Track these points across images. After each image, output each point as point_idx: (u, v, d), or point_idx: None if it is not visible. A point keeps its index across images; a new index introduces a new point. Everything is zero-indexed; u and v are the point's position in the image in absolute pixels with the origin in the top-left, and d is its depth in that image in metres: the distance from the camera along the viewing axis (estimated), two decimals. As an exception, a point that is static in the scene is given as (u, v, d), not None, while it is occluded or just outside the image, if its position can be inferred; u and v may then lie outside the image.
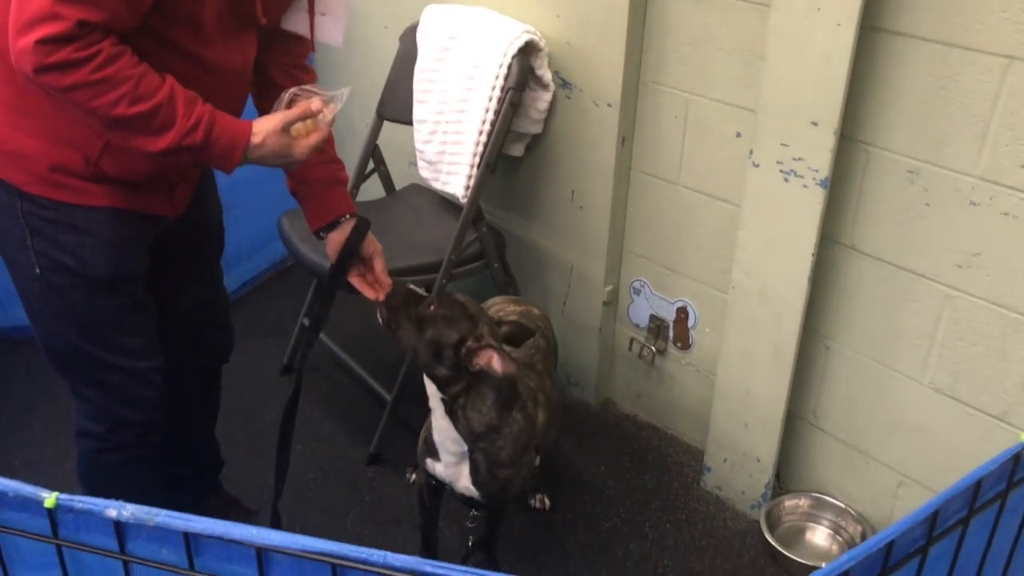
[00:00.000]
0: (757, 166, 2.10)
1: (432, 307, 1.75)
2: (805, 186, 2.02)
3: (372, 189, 2.84)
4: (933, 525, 0.92)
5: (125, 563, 0.92)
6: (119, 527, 0.90)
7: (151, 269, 1.76)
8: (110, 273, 1.62)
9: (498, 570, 2.14)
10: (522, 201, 2.75)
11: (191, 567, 0.89)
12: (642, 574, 2.23)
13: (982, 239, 1.88)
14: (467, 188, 2.45)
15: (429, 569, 0.80)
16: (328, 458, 2.57)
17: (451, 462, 1.86)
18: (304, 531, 2.30)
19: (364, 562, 0.83)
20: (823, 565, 2.18)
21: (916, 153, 1.93)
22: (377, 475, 2.51)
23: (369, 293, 1.84)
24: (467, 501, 1.94)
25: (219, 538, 0.86)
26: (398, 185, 2.87)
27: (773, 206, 2.10)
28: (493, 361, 1.69)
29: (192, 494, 2.19)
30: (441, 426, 1.82)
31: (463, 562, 1.98)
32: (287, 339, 2.93)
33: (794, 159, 2.02)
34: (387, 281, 1.85)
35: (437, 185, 2.63)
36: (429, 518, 2.10)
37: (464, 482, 1.87)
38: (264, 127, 1.51)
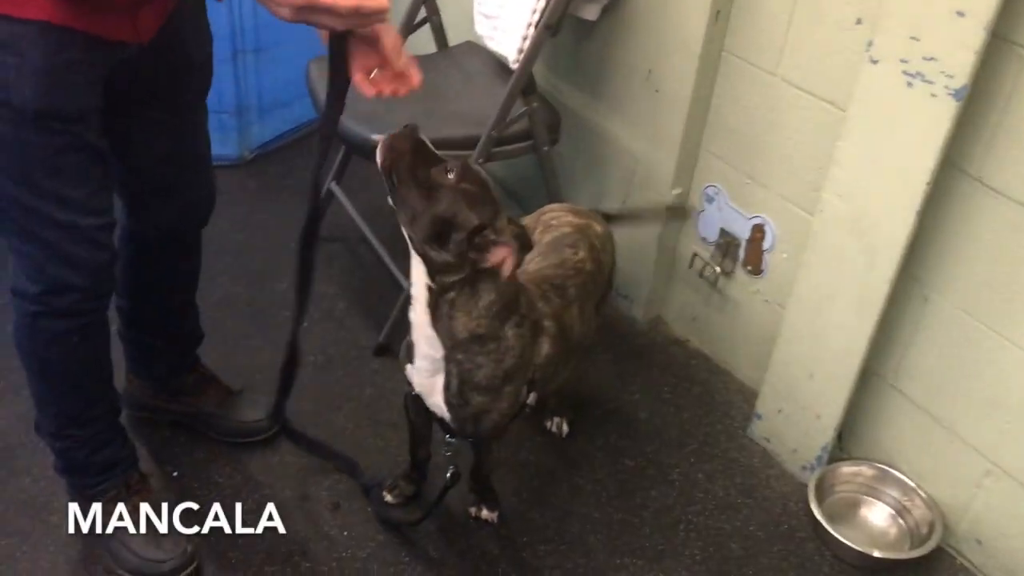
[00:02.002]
0: (875, 63, 1.65)
1: (452, 175, 1.40)
2: (933, 95, 1.57)
3: (421, 42, 2.46)
4: None
5: None
6: None
7: (114, 110, 1.45)
8: (42, 105, 1.31)
9: (495, 502, 1.87)
10: (588, 75, 2.34)
11: None
12: (660, 527, 1.92)
13: None
14: (520, 51, 2.06)
15: None
16: (334, 341, 2.30)
17: (425, 369, 1.56)
18: (293, 420, 2.06)
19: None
20: (875, 553, 1.85)
21: (1090, 67, 1.46)
22: (383, 368, 2.24)
23: (367, 90, 1.31)
24: (441, 424, 1.65)
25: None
26: (452, 41, 2.49)
27: (888, 116, 1.67)
28: (507, 263, 1.38)
29: (166, 368, 1.95)
30: (419, 321, 1.50)
31: (442, 494, 1.73)
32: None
33: (924, 58, 1.57)
34: (404, 67, 1.31)
35: (492, 45, 2.25)
36: (416, 432, 1.82)
37: (436, 398, 1.58)
38: None
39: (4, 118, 1.31)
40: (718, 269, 2.23)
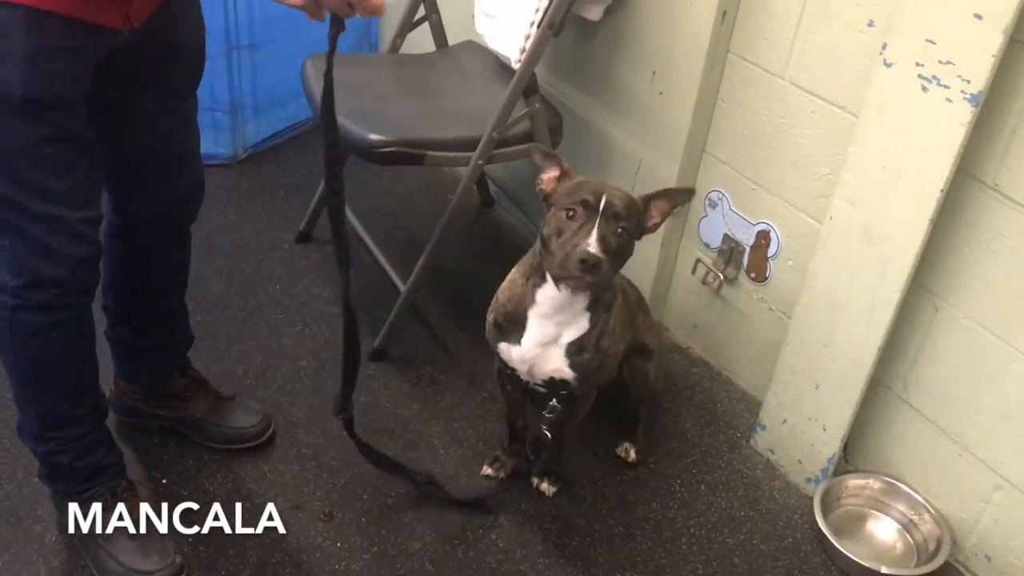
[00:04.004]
0: (889, 66, 1.61)
1: (621, 229, 1.51)
2: (949, 100, 1.53)
3: (420, 41, 2.41)
4: None
5: None
6: None
7: (103, 98, 1.41)
8: (28, 93, 1.26)
9: (559, 477, 1.93)
10: (591, 76, 2.29)
11: None
12: (661, 541, 1.87)
13: None
14: (522, 51, 2.01)
15: None
16: (327, 345, 2.24)
17: (540, 344, 1.65)
18: (285, 427, 2.02)
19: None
20: (882, 569, 1.80)
21: (1112, 74, 1.42)
22: (378, 373, 2.19)
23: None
24: (548, 386, 1.72)
25: None
26: (452, 40, 2.44)
27: (901, 121, 1.62)
28: (665, 207, 1.62)
29: (155, 371, 1.89)
30: (574, 309, 1.61)
31: (532, 459, 1.83)
32: (310, 202, 2.58)
33: (940, 62, 1.53)
34: None
35: (493, 44, 2.20)
36: (513, 404, 1.90)
37: (553, 364, 1.66)
38: None
39: None
40: (721, 276, 2.18)
